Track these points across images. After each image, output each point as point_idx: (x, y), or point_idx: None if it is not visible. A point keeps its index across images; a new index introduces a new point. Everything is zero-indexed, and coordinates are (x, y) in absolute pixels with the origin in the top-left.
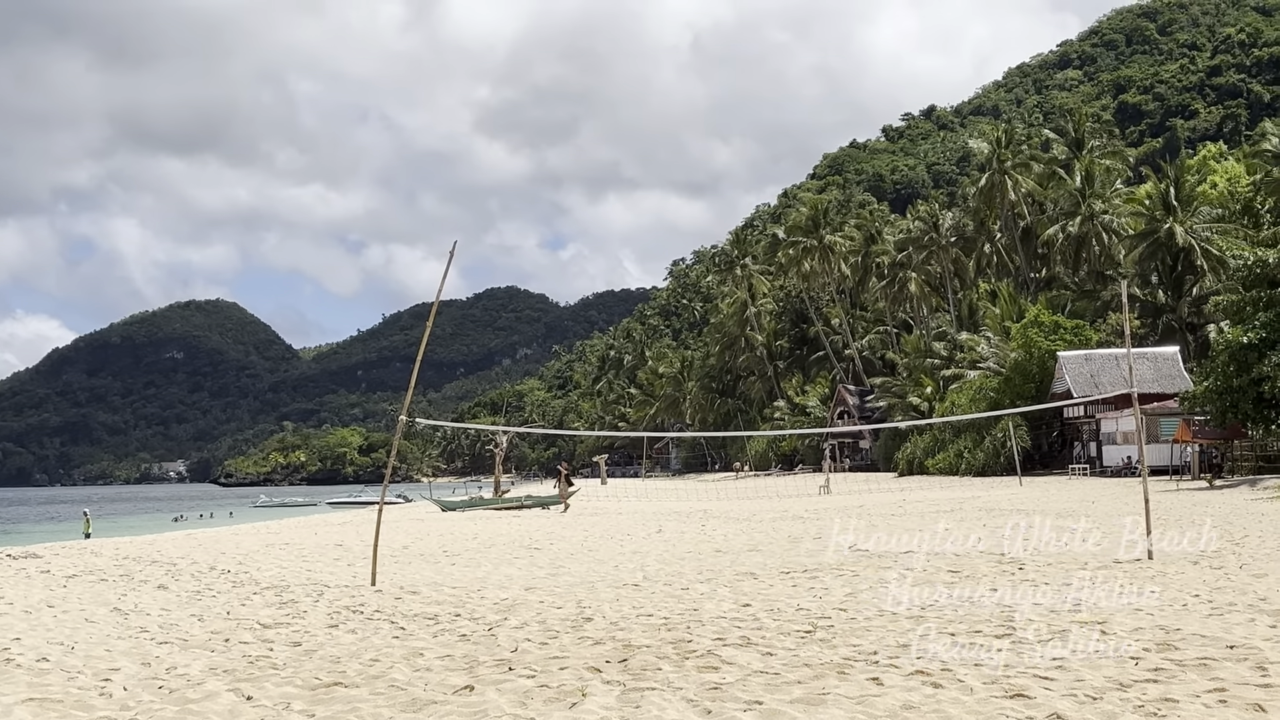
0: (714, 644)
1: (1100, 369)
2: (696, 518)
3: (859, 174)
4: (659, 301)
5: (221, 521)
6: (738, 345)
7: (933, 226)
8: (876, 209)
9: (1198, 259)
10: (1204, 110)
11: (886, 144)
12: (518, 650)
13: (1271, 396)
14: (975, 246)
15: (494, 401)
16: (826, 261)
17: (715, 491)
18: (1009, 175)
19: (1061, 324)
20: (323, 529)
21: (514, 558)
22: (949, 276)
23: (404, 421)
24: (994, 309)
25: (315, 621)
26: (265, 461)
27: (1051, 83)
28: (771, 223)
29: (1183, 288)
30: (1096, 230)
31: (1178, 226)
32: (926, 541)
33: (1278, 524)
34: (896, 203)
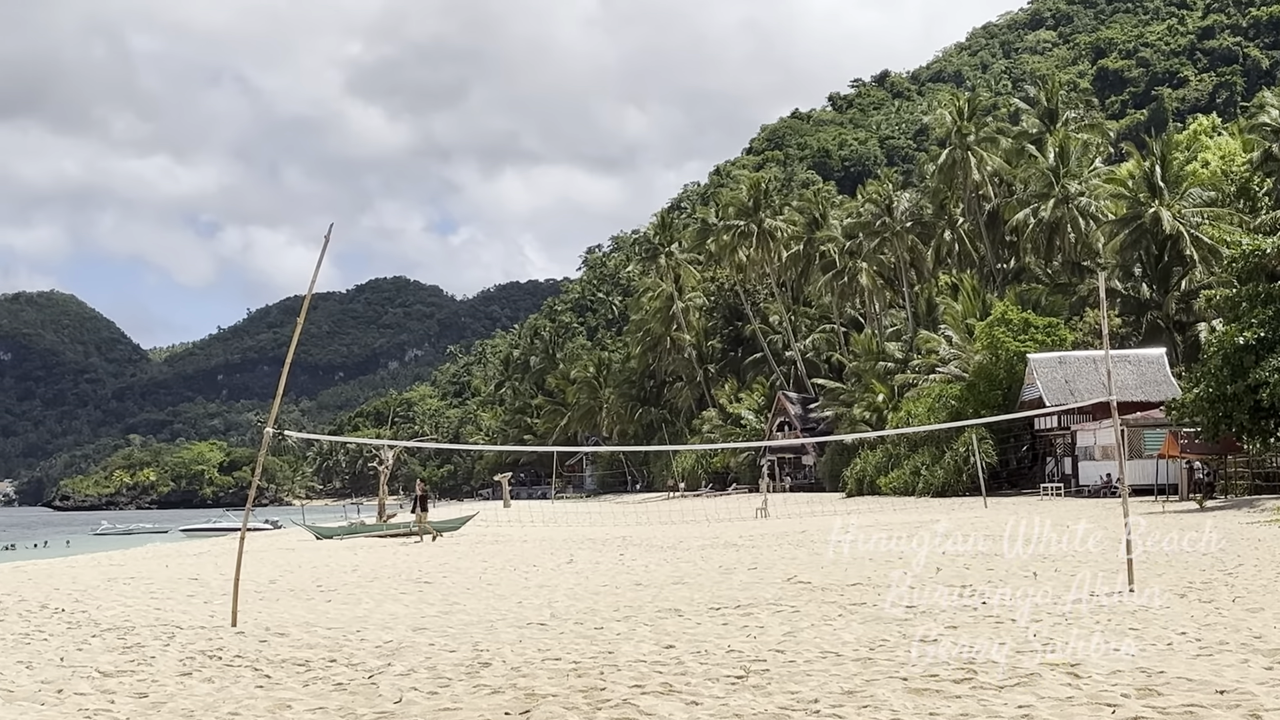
0: (631, 692)
1: (1076, 374)
2: (614, 545)
3: (802, 149)
4: (571, 295)
5: (57, 551)
6: (662, 346)
7: (886, 210)
8: (822, 189)
9: (1187, 248)
10: (1194, 78)
11: (834, 114)
12: (402, 701)
13: (1270, 406)
14: (934, 233)
15: (379, 411)
16: (765, 249)
17: (636, 515)
18: (972, 151)
19: (1032, 322)
20: (175, 560)
21: (400, 593)
22: (904, 267)
23: (271, 434)
24: (955, 305)
25: (165, 669)
26: (108, 481)
27: (1022, 45)
28: (701, 204)
29: (1170, 281)
30: (1072, 215)
31: (1164, 211)
32: (878, 572)
33: (1276, 551)
34: (845, 182)
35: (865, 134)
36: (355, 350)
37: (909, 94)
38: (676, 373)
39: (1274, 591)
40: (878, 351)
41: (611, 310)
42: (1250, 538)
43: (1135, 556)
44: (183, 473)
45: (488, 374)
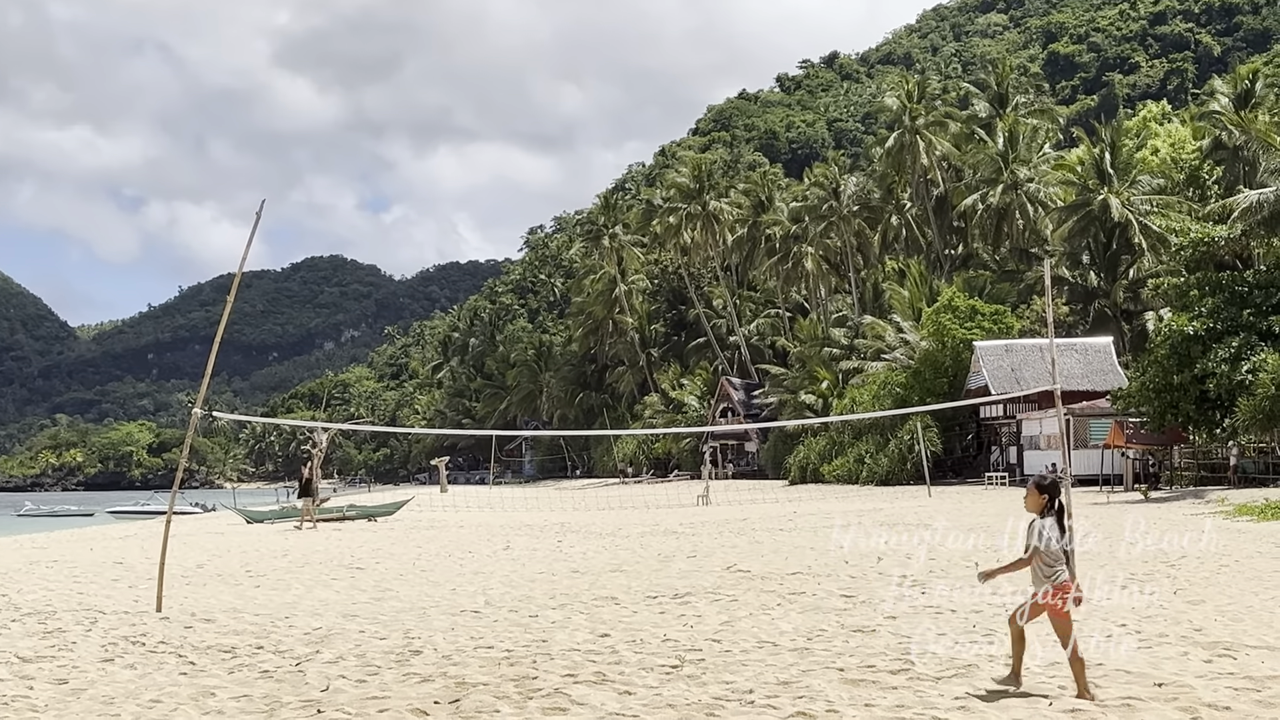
0: (563, 681)
1: (1022, 362)
2: (552, 532)
3: (749, 130)
4: (512, 277)
5: None
6: (604, 329)
7: (833, 193)
8: (769, 172)
9: (1135, 236)
10: (1145, 64)
11: (781, 96)
12: (329, 689)
13: (1216, 396)
14: (881, 218)
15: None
16: (710, 232)
17: (576, 501)
18: (921, 135)
19: (979, 309)
20: (101, 544)
21: (331, 579)
22: (851, 252)
23: (199, 415)
24: (902, 291)
25: (86, 655)
26: (34, 462)
27: (972, 28)
28: (646, 186)
29: (1118, 269)
30: (1021, 201)
31: (1113, 198)
32: (819, 561)
33: (1219, 542)
34: (792, 165)
35: (813, 116)
36: (290, 330)
37: (858, 76)
38: (619, 357)
39: (1216, 584)
40: (823, 337)
41: (553, 292)
42: (1193, 528)
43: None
44: (110, 454)
45: (426, 356)
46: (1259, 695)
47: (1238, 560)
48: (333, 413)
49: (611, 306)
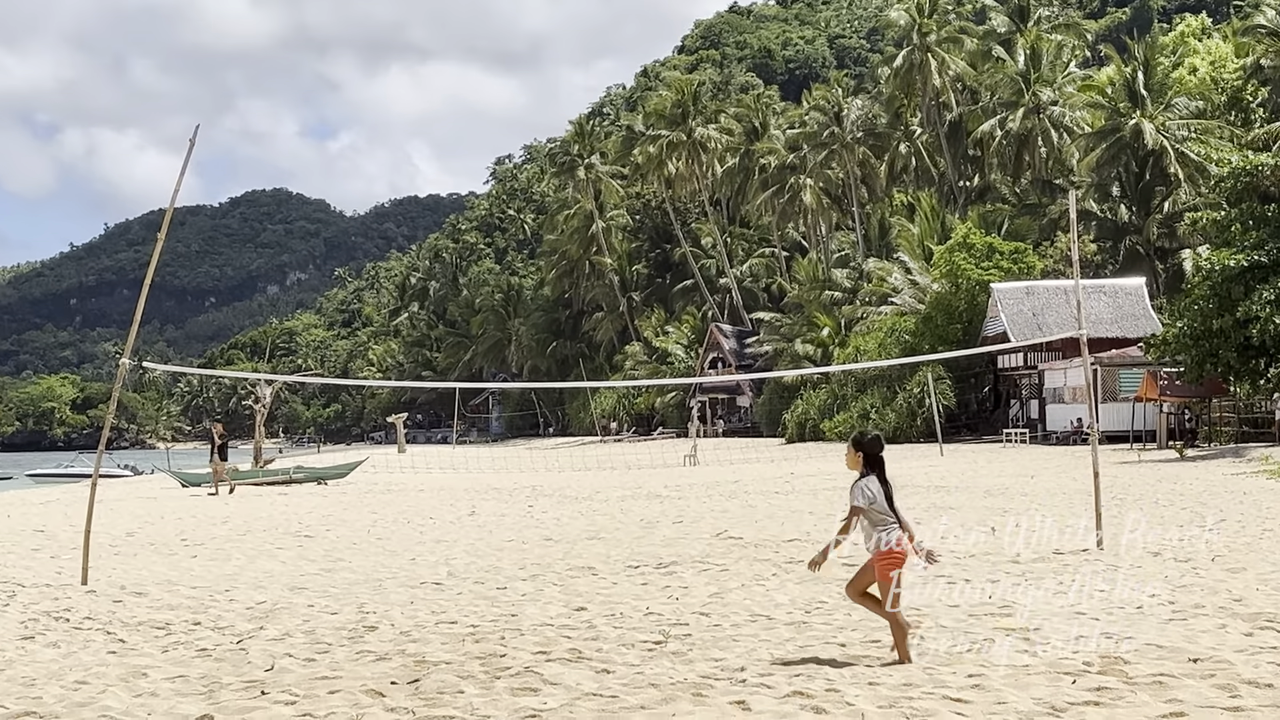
0: (535, 659)
1: (1045, 305)
2: (523, 495)
3: (741, 48)
4: (477, 212)
5: None
6: (580, 271)
7: (834, 119)
8: (763, 94)
9: (1171, 165)
10: None
11: (777, 9)
12: (274, 669)
13: (1261, 343)
14: (889, 145)
15: (256, 342)
16: (697, 162)
17: (549, 461)
18: (933, 53)
19: (997, 247)
20: (19, 510)
21: (277, 548)
22: (855, 184)
23: (128, 366)
24: (911, 227)
25: (4, 631)
26: None
27: None
28: (626, 111)
29: (1151, 202)
30: (1044, 126)
31: (1146, 123)
32: (818, 527)
33: (1262, 504)
34: (789, 86)
35: (812, 32)
36: (229, 273)
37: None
38: (596, 301)
39: (1258, 550)
40: (823, 279)
41: (523, 230)
42: (1234, 490)
43: (1105, 511)
44: (30, 410)
45: (381, 301)
46: None
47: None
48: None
49: (588, 245)
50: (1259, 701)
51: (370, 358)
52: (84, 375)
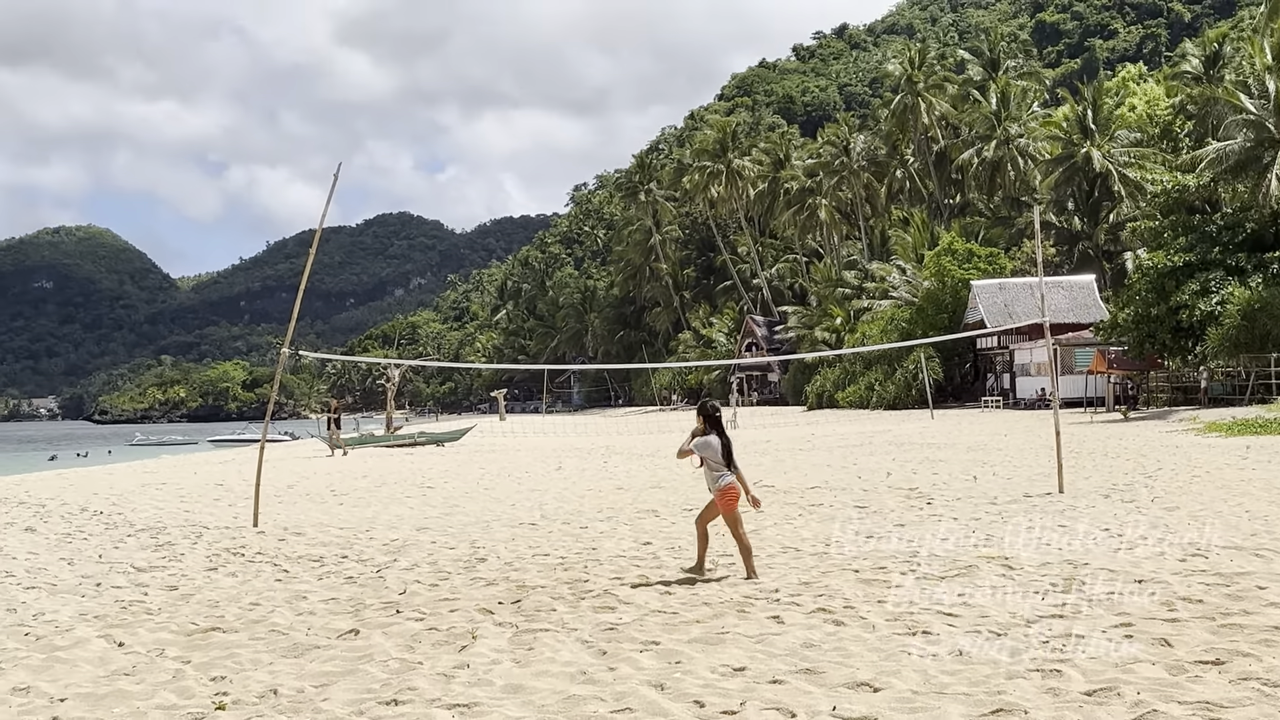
0: (611, 583)
1: (1014, 298)
2: (598, 454)
3: (768, 95)
4: (560, 229)
5: (99, 460)
6: (642, 274)
7: (844, 150)
8: (786, 132)
9: (1115, 184)
10: (1123, 30)
11: (797, 64)
12: (406, 592)
13: (1189, 326)
14: (887, 171)
15: (386, 334)
16: (734, 186)
17: (619, 427)
18: (922, 97)
19: (975, 252)
20: (203, 468)
21: (405, 497)
22: (860, 203)
23: (286, 354)
24: (906, 236)
25: (193, 564)
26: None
27: (968, 1)
28: (677, 146)
29: (1099, 214)
30: (1012, 154)
31: (1095, 151)
32: (835, 477)
33: (1191, 456)
34: (807, 125)
35: (826, 82)
36: (364, 279)
37: (865, 45)
38: (655, 299)
39: (1189, 492)
40: (836, 279)
41: (596, 242)
42: (1169, 444)
43: (1065, 462)
44: (209, 389)
45: (485, 300)
46: (1228, 589)
47: (1208, 472)
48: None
49: (648, 254)
50: (1192, 614)
51: (476, 345)
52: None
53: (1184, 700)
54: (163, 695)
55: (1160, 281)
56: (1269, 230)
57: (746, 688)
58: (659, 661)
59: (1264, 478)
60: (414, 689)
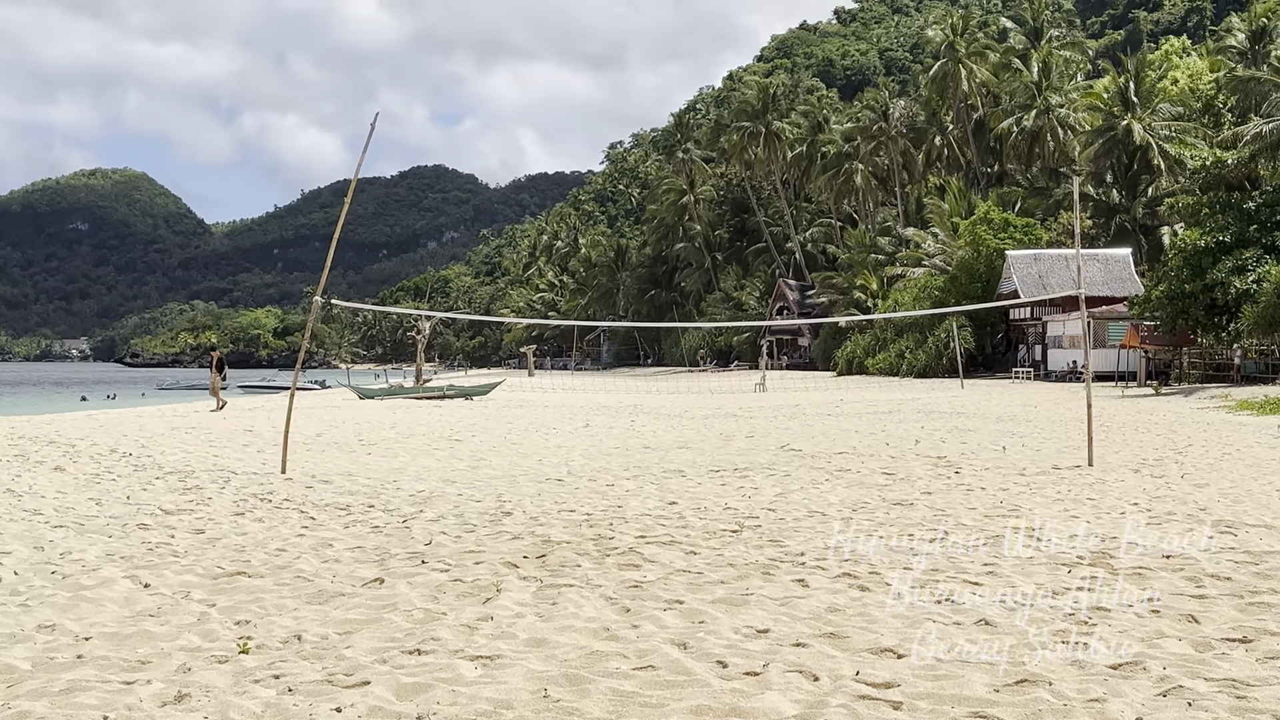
0: (636, 542)
1: (1049, 269)
2: (626, 413)
3: (808, 58)
4: (594, 187)
5: (126, 402)
6: (675, 234)
7: (882, 116)
8: (825, 96)
9: (1155, 158)
10: (1168, 2)
11: (838, 27)
12: (432, 543)
13: (1223, 303)
14: (925, 138)
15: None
16: (772, 149)
17: (648, 387)
18: (963, 64)
19: (1011, 222)
20: (232, 414)
21: (433, 449)
22: (897, 169)
23: (319, 303)
24: (942, 204)
25: (220, 509)
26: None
27: None
28: (715, 106)
29: (1138, 188)
30: (1052, 125)
31: (1135, 124)
32: (862, 443)
33: (1222, 433)
34: (846, 89)
35: (866, 46)
36: (398, 231)
37: (907, 10)
38: (687, 259)
39: (1219, 469)
40: (870, 245)
41: (630, 201)
42: (1199, 421)
43: (1095, 435)
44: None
45: (517, 256)
46: (1257, 568)
47: (1239, 449)
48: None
49: (681, 214)
50: (1219, 591)
51: (508, 301)
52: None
53: (1210, 677)
54: (187, 637)
55: (1196, 259)
56: None
57: (770, 649)
58: (682, 620)
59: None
60: (437, 639)
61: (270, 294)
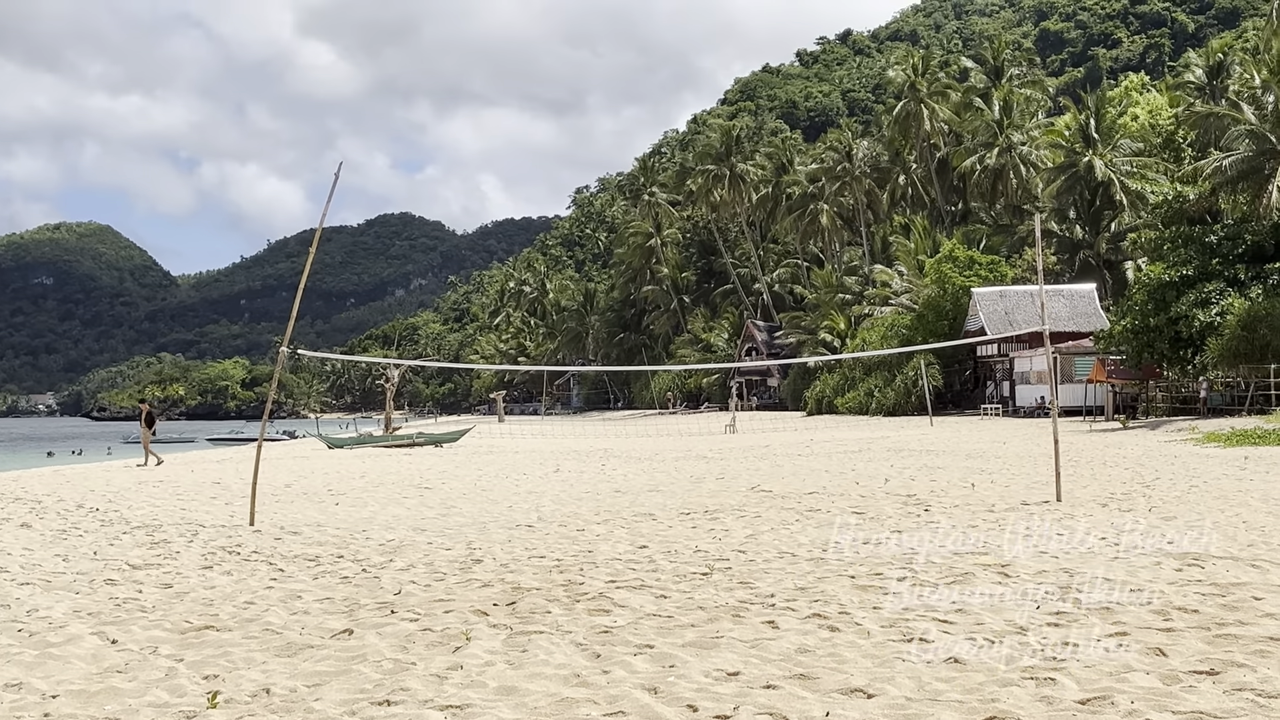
0: (607, 586)
1: (1015, 306)
2: (597, 457)
3: (772, 100)
4: (561, 231)
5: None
6: (643, 277)
7: (846, 156)
8: (789, 137)
9: (1117, 194)
10: (1127, 39)
11: (801, 69)
12: (401, 593)
13: (1188, 336)
14: (890, 178)
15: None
16: (737, 191)
17: (618, 430)
18: (925, 104)
19: (976, 259)
20: (200, 466)
21: (403, 497)
22: (862, 209)
23: (285, 352)
24: (907, 243)
25: (188, 562)
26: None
27: (972, 8)
28: (679, 149)
29: (1101, 223)
30: (1014, 162)
31: (1097, 160)
32: (832, 482)
33: (1189, 466)
34: (810, 131)
35: (829, 87)
36: (365, 279)
37: (869, 51)
38: (655, 302)
39: (1187, 502)
40: (837, 284)
41: (597, 245)
42: (1167, 454)
43: (1063, 470)
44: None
45: (485, 302)
46: (1224, 600)
47: (1206, 482)
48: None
49: (649, 257)
50: (1187, 624)
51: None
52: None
53: (1178, 710)
54: (155, 693)
55: (1160, 292)
56: (1269, 241)
57: (740, 692)
58: (653, 665)
59: (1261, 489)
60: (407, 689)
61: (238, 345)
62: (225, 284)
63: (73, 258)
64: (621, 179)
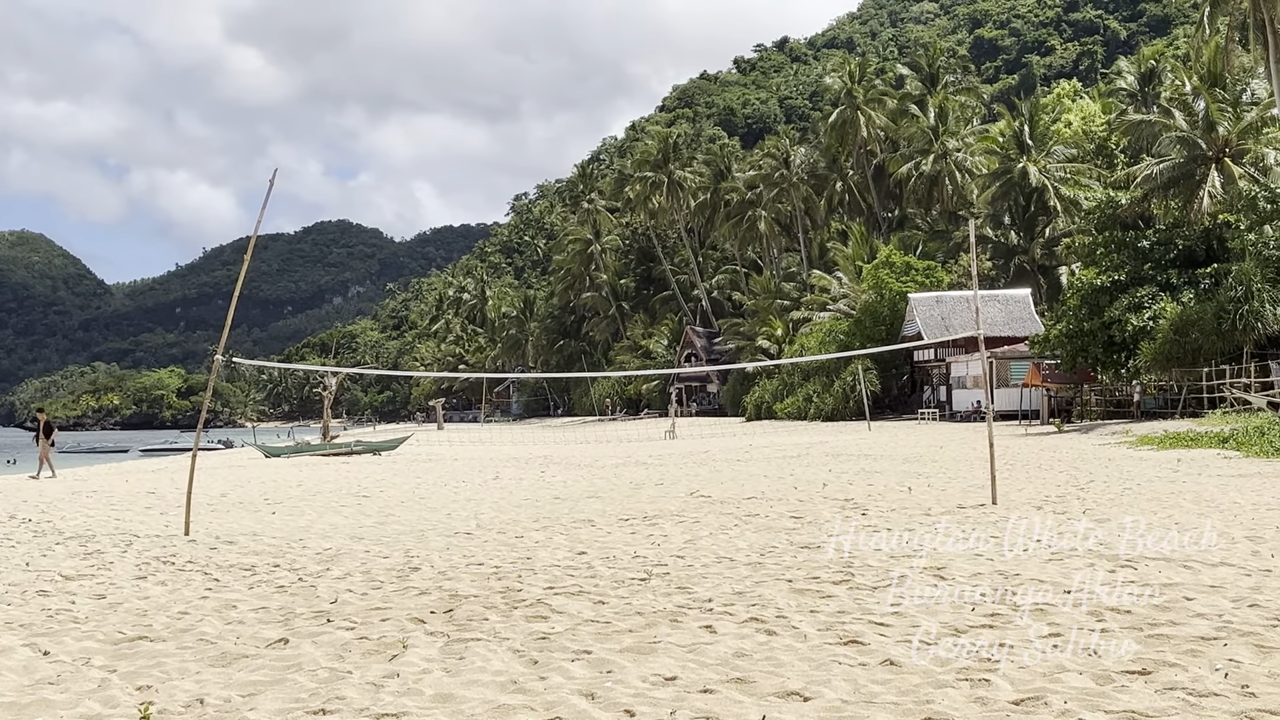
0: (545, 593)
1: (951, 311)
2: (536, 464)
3: (709, 107)
4: (500, 238)
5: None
6: (582, 284)
7: (783, 163)
8: (727, 144)
9: (1051, 199)
10: (1060, 46)
11: (739, 76)
12: (338, 601)
13: (1121, 340)
14: (827, 184)
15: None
16: (675, 198)
17: (558, 437)
18: (861, 111)
19: (913, 265)
20: (135, 476)
21: (340, 506)
22: (800, 215)
23: (222, 361)
24: (845, 249)
25: (122, 573)
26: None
27: (907, 16)
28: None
29: (1035, 229)
30: (949, 169)
31: (1031, 166)
32: (771, 487)
33: (1123, 469)
34: (748, 138)
35: (766, 94)
36: (302, 287)
37: (806, 58)
38: (594, 309)
39: (1120, 504)
40: (775, 290)
41: (536, 252)
42: (1101, 457)
43: (999, 474)
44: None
45: (424, 309)
46: (1156, 600)
47: (1139, 484)
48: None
49: (588, 264)
50: (1120, 624)
51: (415, 355)
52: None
53: (1110, 709)
54: (87, 704)
55: (1094, 297)
56: (1200, 246)
57: (677, 697)
58: (590, 671)
59: (1193, 491)
60: (342, 698)
61: (173, 354)
62: (160, 292)
63: (4, 266)
64: (560, 186)
